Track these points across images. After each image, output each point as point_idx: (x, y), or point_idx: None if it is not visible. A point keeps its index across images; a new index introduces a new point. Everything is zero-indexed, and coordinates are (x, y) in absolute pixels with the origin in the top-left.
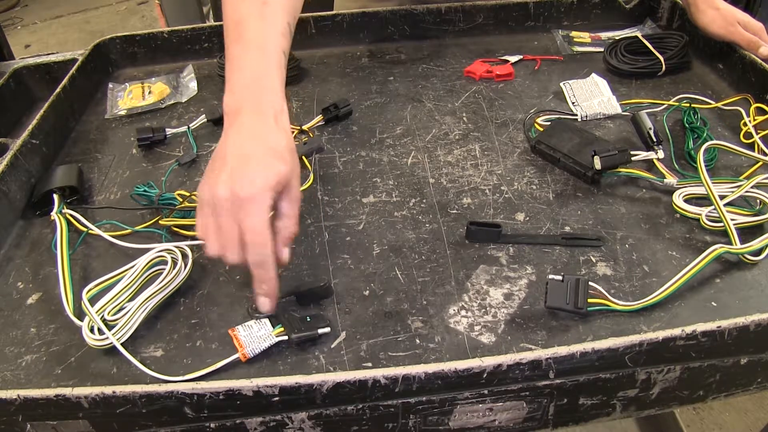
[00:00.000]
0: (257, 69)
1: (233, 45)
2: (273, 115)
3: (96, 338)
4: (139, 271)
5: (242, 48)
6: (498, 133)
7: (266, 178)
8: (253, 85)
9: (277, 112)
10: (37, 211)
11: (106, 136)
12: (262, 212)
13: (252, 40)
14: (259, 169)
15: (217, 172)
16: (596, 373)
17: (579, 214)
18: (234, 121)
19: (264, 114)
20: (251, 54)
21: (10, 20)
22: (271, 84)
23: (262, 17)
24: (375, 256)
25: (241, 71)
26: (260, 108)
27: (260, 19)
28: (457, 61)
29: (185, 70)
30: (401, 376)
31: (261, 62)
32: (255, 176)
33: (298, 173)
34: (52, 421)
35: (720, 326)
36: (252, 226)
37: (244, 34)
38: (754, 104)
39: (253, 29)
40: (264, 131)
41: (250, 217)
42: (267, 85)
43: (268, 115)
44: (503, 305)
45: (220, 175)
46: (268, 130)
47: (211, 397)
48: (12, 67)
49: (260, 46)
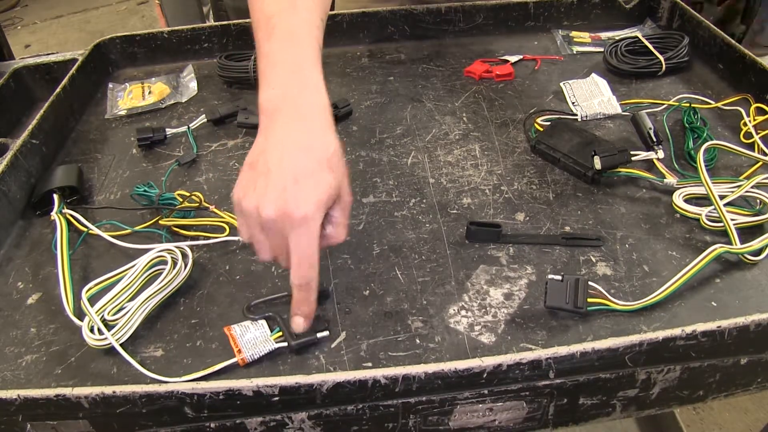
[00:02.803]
0: (294, 63)
1: (266, 41)
2: (316, 115)
3: (96, 338)
4: (139, 271)
5: (277, 43)
6: (498, 133)
7: (318, 197)
8: (292, 82)
9: (320, 110)
10: (37, 211)
11: (106, 136)
12: (312, 234)
13: (286, 34)
14: (310, 187)
15: (262, 184)
16: (596, 373)
17: (579, 214)
18: (274, 122)
19: (307, 116)
20: (287, 49)
21: (10, 20)
22: (311, 79)
23: (295, 11)
24: (375, 256)
25: (277, 67)
26: (302, 109)
27: (293, 14)
28: (457, 61)
29: (185, 70)
30: (401, 376)
31: (298, 56)
32: (307, 197)
33: (348, 176)
34: (52, 421)
35: (720, 326)
36: (302, 250)
37: (276, 28)
38: (754, 104)
39: (286, 23)
40: (310, 139)
41: (300, 239)
42: (307, 80)
43: (311, 117)
44: (503, 305)
45: (267, 191)
46: (314, 136)
47: (211, 397)
48: (12, 67)
49: (296, 40)
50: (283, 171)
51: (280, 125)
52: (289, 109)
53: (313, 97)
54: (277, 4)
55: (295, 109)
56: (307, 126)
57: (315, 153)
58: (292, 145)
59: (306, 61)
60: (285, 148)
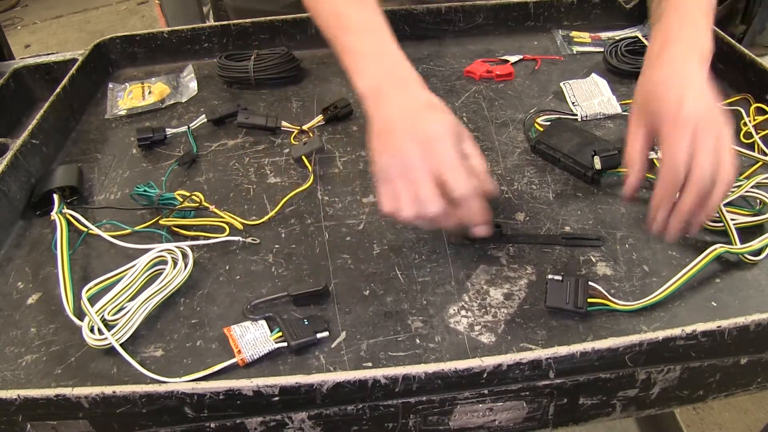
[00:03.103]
0: (379, 50)
1: (342, 35)
2: (413, 83)
3: (96, 338)
4: (139, 271)
5: (354, 35)
6: (498, 133)
7: (444, 121)
8: (384, 65)
9: (415, 79)
10: (37, 211)
11: (106, 136)
12: (452, 149)
13: (361, 26)
14: (434, 116)
15: (392, 138)
16: (596, 373)
17: (579, 214)
18: (381, 99)
19: (408, 83)
20: (367, 39)
21: (10, 20)
22: (399, 59)
23: (361, 5)
24: (375, 256)
25: (365, 57)
26: (401, 80)
27: (360, 8)
28: (457, 61)
29: (185, 70)
30: (401, 376)
31: (379, 44)
32: (434, 121)
33: None
34: (52, 421)
35: (720, 326)
36: (449, 162)
37: (349, 23)
38: (754, 104)
39: (356, 17)
40: (418, 94)
41: (443, 155)
42: (396, 61)
43: (413, 83)
44: (503, 305)
45: (399, 138)
46: (421, 93)
47: (211, 397)
48: (12, 67)
49: (372, 31)
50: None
51: (388, 98)
52: (391, 85)
53: (405, 72)
54: (341, 0)
55: (397, 84)
56: (411, 88)
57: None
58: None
59: (386, 46)
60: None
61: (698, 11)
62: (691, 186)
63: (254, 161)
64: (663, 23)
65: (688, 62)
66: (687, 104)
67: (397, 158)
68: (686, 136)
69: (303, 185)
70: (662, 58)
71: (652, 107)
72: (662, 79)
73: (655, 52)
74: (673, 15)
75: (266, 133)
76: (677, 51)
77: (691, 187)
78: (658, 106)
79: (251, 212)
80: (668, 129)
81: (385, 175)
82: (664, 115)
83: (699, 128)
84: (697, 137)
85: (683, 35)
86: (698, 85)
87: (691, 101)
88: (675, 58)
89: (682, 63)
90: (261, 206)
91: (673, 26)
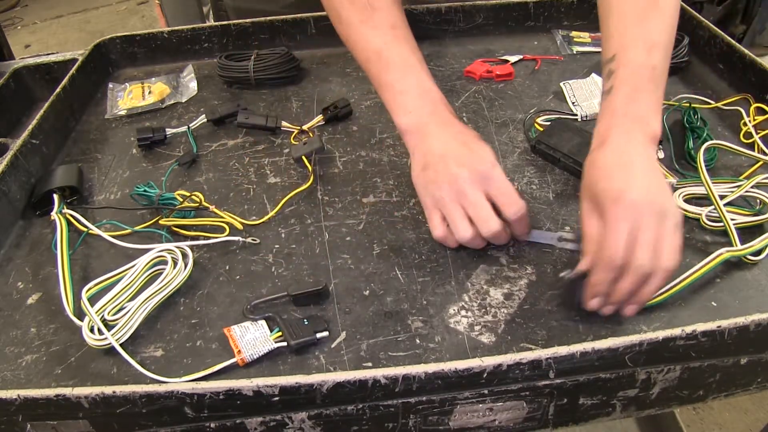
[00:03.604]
0: (421, 89)
1: (385, 73)
2: (451, 120)
3: (96, 338)
4: (139, 271)
5: (396, 73)
6: (498, 133)
7: (490, 153)
8: (426, 103)
9: (453, 116)
10: (37, 211)
11: (106, 136)
12: (502, 174)
13: (402, 64)
14: (480, 145)
15: (443, 168)
16: (596, 373)
17: (579, 214)
18: (425, 134)
19: (450, 119)
20: (409, 77)
21: (10, 20)
22: (439, 98)
23: (399, 42)
24: (375, 256)
25: (407, 94)
26: (444, 117)
27: (399, 44)
28: (457, 61)
29: (185, 70)
30: (401, 376)
31: (420, 82)
32: (482, 150)
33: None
34: (52, 421)
35: (720, 326)
36: (502, 186)
37: (391, 61)
38: (754, 104)
39: (397, 55)
40: (461, 128)
41: (496, 180)
42: (437, 99)
43: (454, 119)
44: (503, 305)
45: (451, 167)
46: (463, 127)
47: (211, 397)
48: (12, 67)
49: (413, 69)
50: (453, 150)
51: (432, 134)
52: (434, 122)
53: (445, 109)
54: (381, 38)
55: (440, 120)
56: (456, 127)
57: (467, 135)
58: (448, 137)
59: (427, 83)
60: (446, 140)
61: (649, 82)
62: (629, 275)
63: (254, 161)
64: (611, 98)
65: (633, 145)
66: (628, 194)
67: (452, 185)
68: (625, 226)
69: (303, 185)
70: (608, 141)
71: (597, 190)
72: (606, 164)
73: (601, 133)
74: (622, 88)
75: (266, 133)
76: (622, 133)
77: (628, 276)
78: (603, 192)
79: (251, 212)
80: (609, 217)
81: (438, 202)
82: (606, 202)
83: (640, 217)
84: (639, 227)
85: (630, 112)
86: (642, 171)
87: (634, 190)
88: (619, 143)
89: (627, 146)
90: (261, 206)
91: (620, 103)
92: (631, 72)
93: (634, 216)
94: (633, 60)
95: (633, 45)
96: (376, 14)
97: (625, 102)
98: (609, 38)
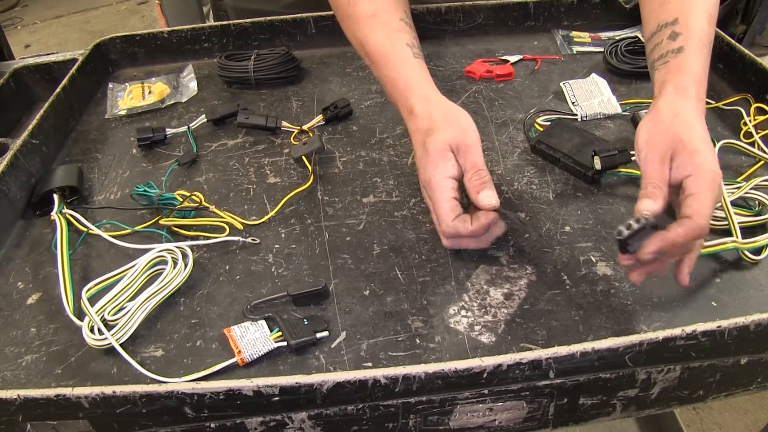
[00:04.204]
0: (424, 92)
1: (395, 72)
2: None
3: (96, 338)
4: (139, 271)
5: (408, 77)
6: (498, 133)
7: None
8: (433, 108)
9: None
10: (37, 211)
11: (106, 136)
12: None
13: (412, 70)
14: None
15: (420, 167)
16: (596, 373)
17: (579, 214)
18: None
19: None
20: (418, 85)
21: (10, 20)
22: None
23: (404, 49)
24: (375, 256)
25: (418, 102)
26: (449, 115)
27: (404, 51)
28: (457, 61)
29: (185, 70)
30: (401, 376)
31: (426, 88)
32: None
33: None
34: (52, 421)
35: (720, 326)
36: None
37: (399, 66)
38: (754, 104)
39: (404, 68)
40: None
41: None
42: (438, 101)
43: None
44: (503, 305)
45: (421, 169)
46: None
47: (211, 397)
48: (12, 67)
49: (421, 75)
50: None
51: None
52: (437, 123)
53: (449, 108)
54: (385, 42)
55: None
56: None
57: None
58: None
59: (432, 91)
60: (419, 151)
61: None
62: None
63: (254, 161)
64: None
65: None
66: (717, 169)
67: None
68: (715, 198)
69: (303, 185)
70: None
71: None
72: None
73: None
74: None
75: (266, 133)
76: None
77: None
78: (690, 160)
79: (251, 212)
80: (702, 185)
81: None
82: (698, 170)
83: (718, 189)
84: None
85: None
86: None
87: (713, 161)
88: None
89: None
90: (261, 206)
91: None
92: (697, 37)
93: (714, 188)
94: (697, 26)
95: (694, 12)
96: (381, 12)
97: (695, 62)
98: (666, 2)
